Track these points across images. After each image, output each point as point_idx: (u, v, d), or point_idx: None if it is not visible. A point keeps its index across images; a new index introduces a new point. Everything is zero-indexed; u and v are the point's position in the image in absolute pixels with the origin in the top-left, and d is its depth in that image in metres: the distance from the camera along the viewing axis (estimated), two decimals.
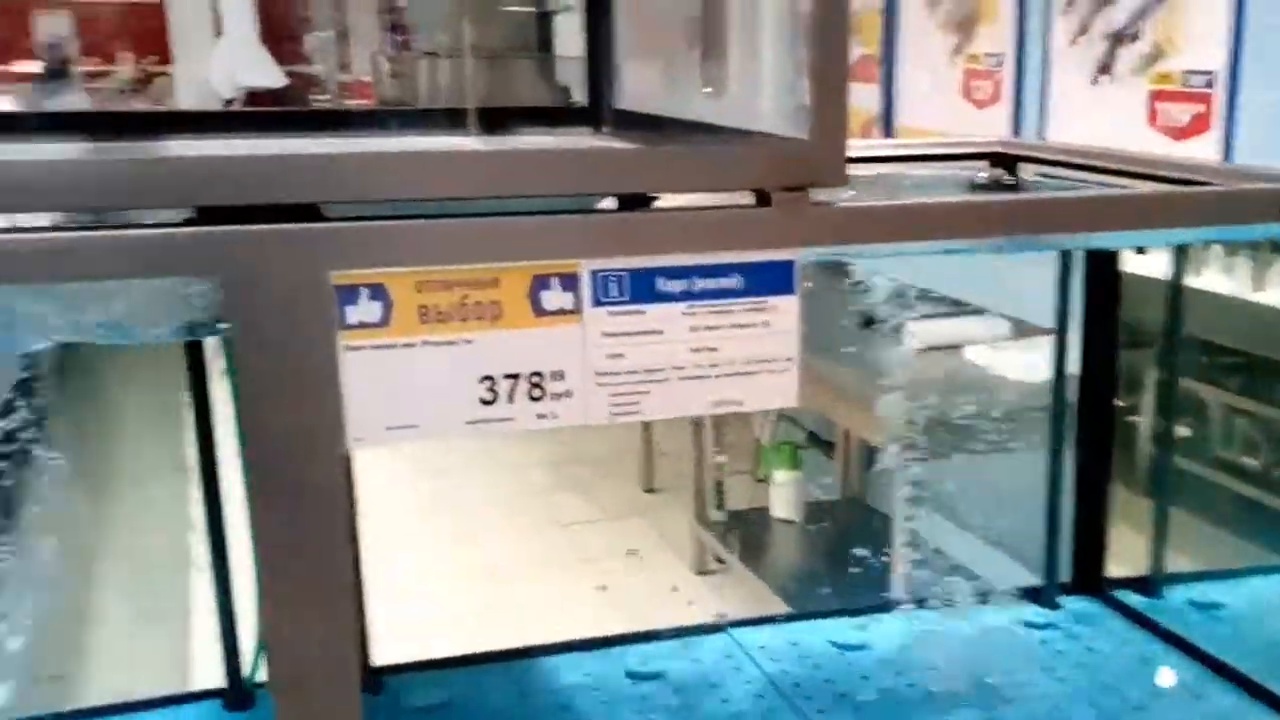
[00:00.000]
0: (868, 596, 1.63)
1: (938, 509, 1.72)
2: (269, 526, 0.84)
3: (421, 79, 5.70)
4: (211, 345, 1.28)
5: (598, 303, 0.90)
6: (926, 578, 1.53)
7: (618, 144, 1.28)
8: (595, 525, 3.91)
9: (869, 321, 2.12)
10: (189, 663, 2.71)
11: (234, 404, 0.85)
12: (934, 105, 3.41)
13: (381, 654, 1.42)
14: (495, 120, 1.43)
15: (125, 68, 8.52)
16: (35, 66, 8.27)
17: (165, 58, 8.95)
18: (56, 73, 7.46)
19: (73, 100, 6.17)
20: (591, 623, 3.18)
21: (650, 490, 4.14)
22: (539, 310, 0.89)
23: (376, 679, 1.37)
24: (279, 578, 0.85)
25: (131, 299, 0.97)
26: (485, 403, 0.89)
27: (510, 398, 0.89)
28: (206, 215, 0.83)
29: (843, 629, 1.53)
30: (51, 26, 9.92)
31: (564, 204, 0.91)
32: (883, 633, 1.51)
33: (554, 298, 0.89)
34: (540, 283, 0.88)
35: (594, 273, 0.90)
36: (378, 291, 0.85)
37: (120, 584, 3.38)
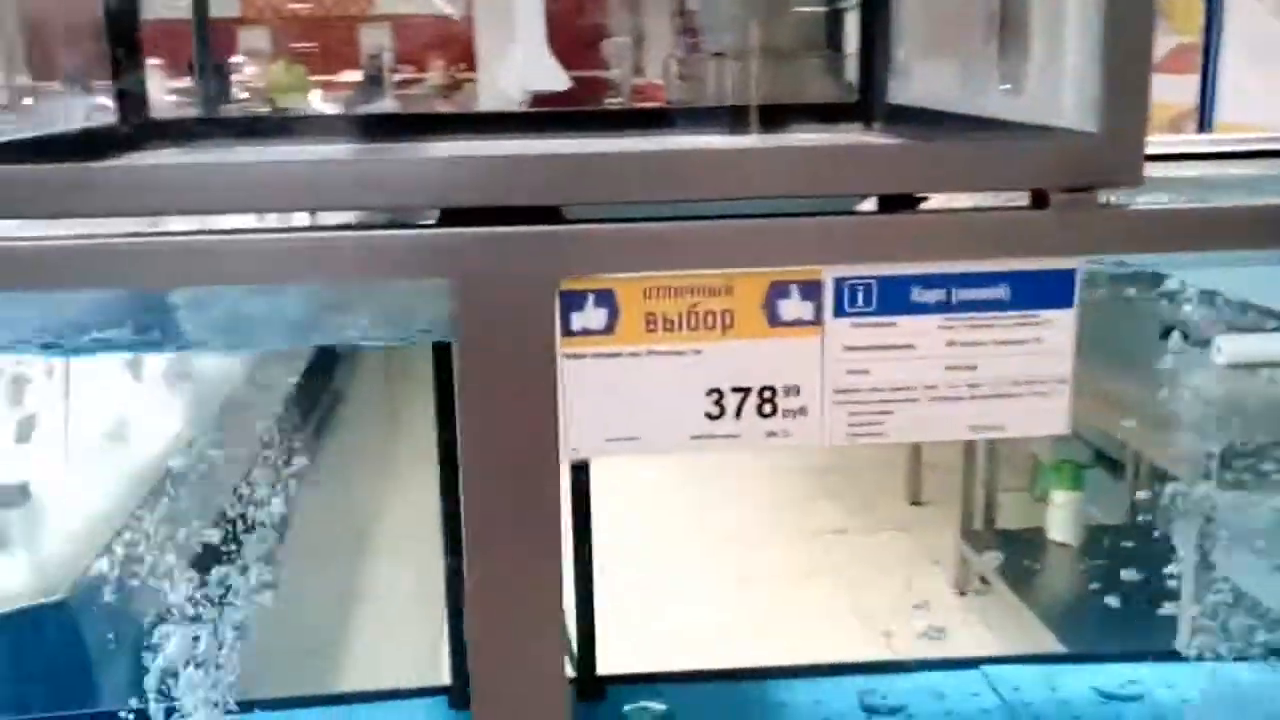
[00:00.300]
0: (1148, 638, 1.46)
1: (1239, 545, 1.53)
2: (480, 533, 0.82)
3: (709, 80, 5.71)
4: None
5: (841, 313, 0.82)
6: (1219, 623, 1.35)
7: (882, 140, 1.19)
8: (854, 536, 3.78)
9: (1170, 332, 1.92)
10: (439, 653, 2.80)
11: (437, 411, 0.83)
12: (1262, 98, 3.07)
13: (622, 656, 1.39)
14: (767, 118, 1.37)
15: (435, 74, 9.00)
16: (358, 75, 8.90)
17: (473, 65, 9.42)
18: (374, 80, 7.98)
19: (382, 106, 6.56)
20: (839, 639, 3.07)
21: (916, 503, 3.96)
22: (774, 320, 0.82)
23: (600, 686, 1.34)
24: (486, 586, 0.82)
25: (378, 298, 0.98)
26: (711, 417, 0.82)
27: (738, 413, 0.83)
28: (452, 217, 0.81)
29: (1113, 675, 1.37)
30: (374, 37, 10.65)
31: (815, 205, 0.84)
32: (1160, 683, 1.35)
33: (792, 307, 0.82)
34: (777, 290, 0.81)
35: (838, 280, 0.82)
36: (604, 297, 0.80)
37: (385, 568, 3.53)
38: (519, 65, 3.68)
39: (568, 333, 0.80)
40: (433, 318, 0.94)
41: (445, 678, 1.40)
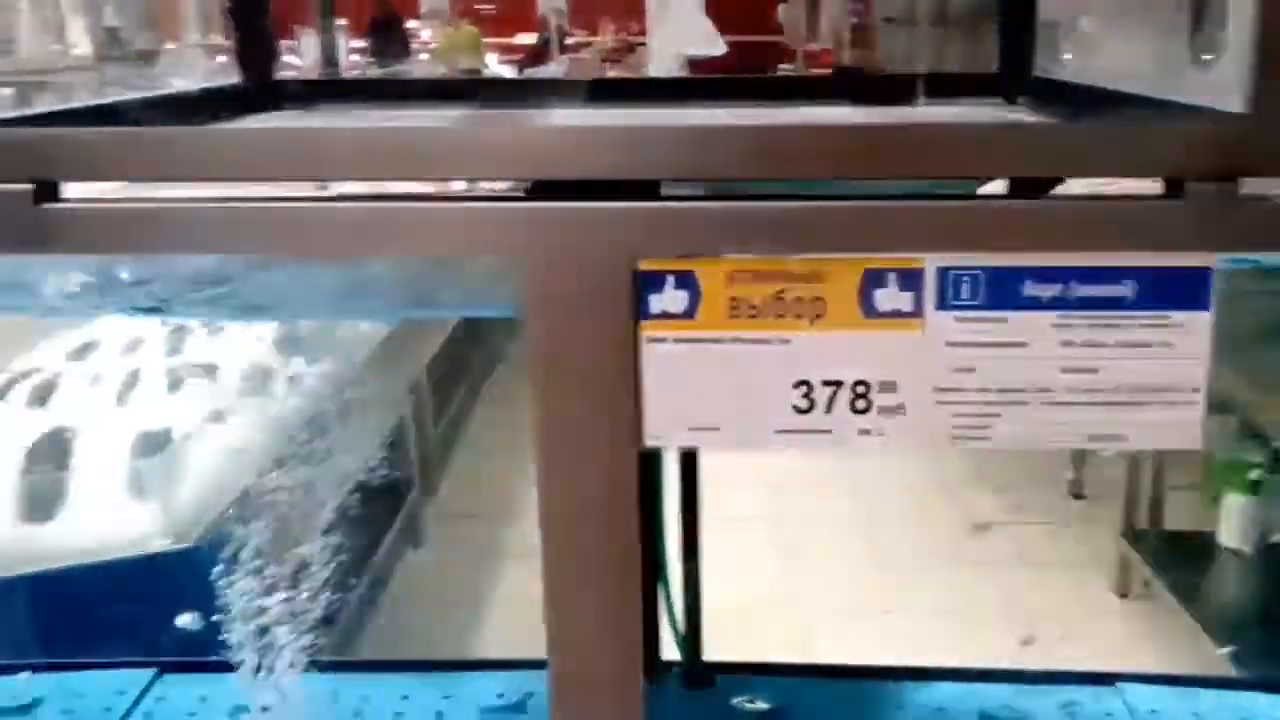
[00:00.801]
0: None
1: None
2: (554, 522, 0.79)
3: (878, 46, 5.55)
4: None
5: (944, 305, 0.76)
6: None
7: (1008, 117, 1.10)
8: (1008, 529, 3.62)
9: None
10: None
11: None
12: None
13: (742, 641, 1.34)
14: (904, 90, 1.29)
15: (605, 38, 9.03)
16: (531, 38, 8.99)
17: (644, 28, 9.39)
18: (547, 42, 8.05)
19: (548, 70, 6.60)
20: (980, 637, 2.95)
21: (1078, 496, 3.77)
22: (870, 310, 0.76)
23: (708, 675, 1.30)
24: (562, 572, 0.80)
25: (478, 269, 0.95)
26: (800, 411, 0.77)
27: (829, 408, 0.77)
28: (544, 191, 0.78)
29: (1268, 708, 1.26)
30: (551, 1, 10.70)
31: (927, 187, 0.77)
32: None
33: (889, 297, 0.76)
34: (873, 279, 0.76)
35: (942, 270, 0.76)
36: (684, 280, 0.76)
37: (528, 529, 3.55)
38: (674, 29, 3.63)
39: (646, 315, 0.76)
40: None
41: None
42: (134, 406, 2.18)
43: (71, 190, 0.77)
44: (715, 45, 3.32)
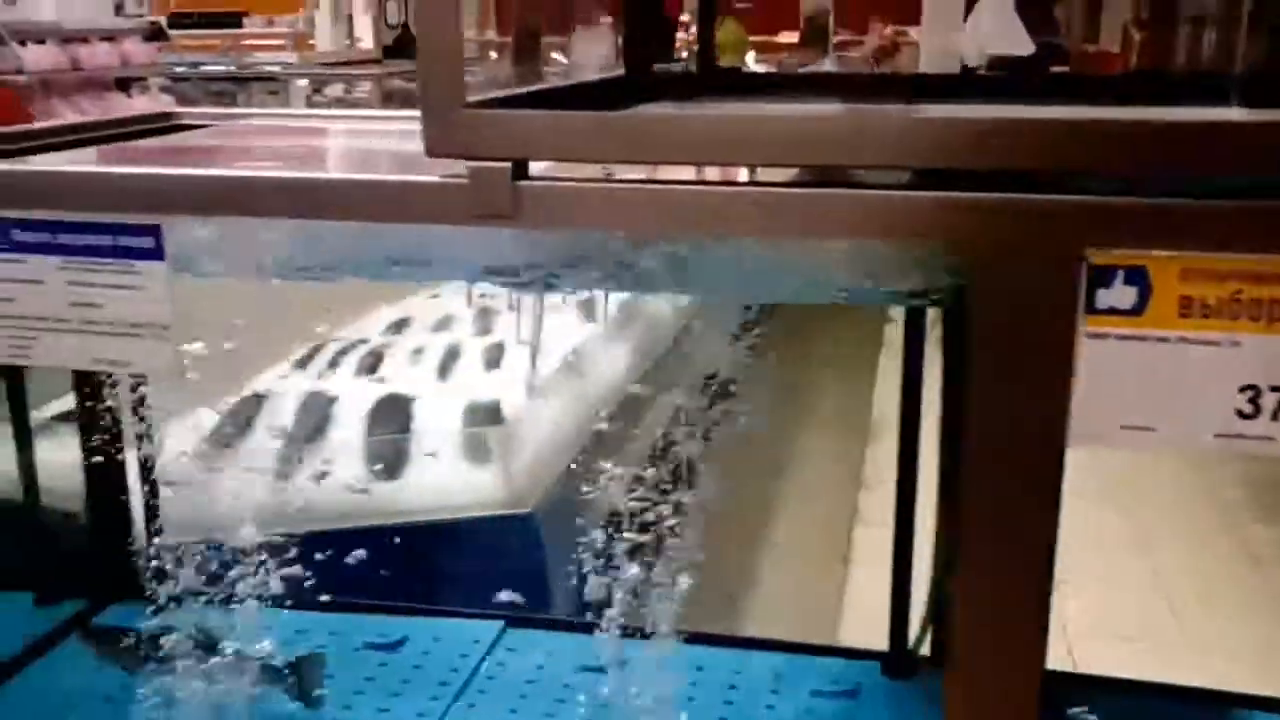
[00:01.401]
0: None
1: None
2: (976, 507, 0.80)
3: (1179, 48, 5.26)
4: (932, 313, 1.27)
5: None
6: None
7: None
8: None
9: None
10: (839, 616, 2.77)
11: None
12: None
13: None
14: (1255, 89, 1.23)
15: (872, 37, 8.92)
16: (793, 37, 8.97)
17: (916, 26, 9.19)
18: (817, 40, 8.02)
19: (822, 68, 6.58)
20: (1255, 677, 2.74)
21: None
22: None
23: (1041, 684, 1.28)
24: (977, 562, 0.81)
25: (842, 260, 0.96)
26: (1243, 416, 0.76)
27: (1275, 415, 0.75)
28: (936, 180, 0.79)
29: None
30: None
31: None
32: None
33: None
34: None
35: None
36: (1136, 275, 0.76)
37: (790, 522, 3.54)
38: (983, 27, 3.55)
39: (1092, 310, 0.76)
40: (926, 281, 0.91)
41: (837, 639, 1.39)
42: (457, 377, 2.31)
43: (535, 169, 0.84)
44: (1024, 46, 3.24)
